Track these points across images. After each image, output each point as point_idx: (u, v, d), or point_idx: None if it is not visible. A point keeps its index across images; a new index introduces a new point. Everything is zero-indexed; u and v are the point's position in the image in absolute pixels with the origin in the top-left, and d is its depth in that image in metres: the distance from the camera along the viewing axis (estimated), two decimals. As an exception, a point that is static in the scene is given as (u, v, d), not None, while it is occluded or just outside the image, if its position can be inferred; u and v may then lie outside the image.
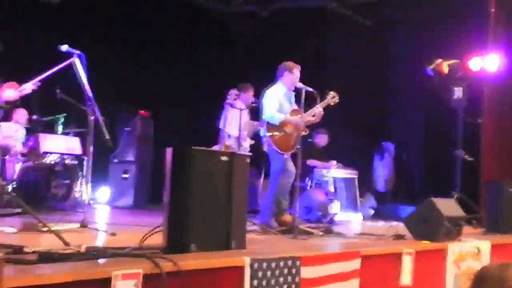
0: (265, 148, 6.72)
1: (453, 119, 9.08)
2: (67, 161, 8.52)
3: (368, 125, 11.81)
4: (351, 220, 9.03)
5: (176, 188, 4.02)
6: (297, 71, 6.72)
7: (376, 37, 11.58)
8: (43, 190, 8.04)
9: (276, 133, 6.61)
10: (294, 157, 6.58)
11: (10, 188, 7.74)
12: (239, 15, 12.25)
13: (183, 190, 3.98)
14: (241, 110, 7.27)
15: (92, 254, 3.56)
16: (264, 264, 3.88)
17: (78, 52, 5.46)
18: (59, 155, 8.46)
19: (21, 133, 8.63)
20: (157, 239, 4.10)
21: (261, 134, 6.82)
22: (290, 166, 6.57)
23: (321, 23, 11.71)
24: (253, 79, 8.78)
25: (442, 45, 9.78)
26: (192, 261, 3.61)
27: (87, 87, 5.41)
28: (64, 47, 5.48)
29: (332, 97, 6.88)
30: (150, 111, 10.48)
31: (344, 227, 7.49)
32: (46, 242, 4.08)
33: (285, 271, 4.03)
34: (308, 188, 9.07)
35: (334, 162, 9.43)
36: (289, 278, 4.05)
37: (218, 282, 3.69)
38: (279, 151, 6.56)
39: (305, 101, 6.32)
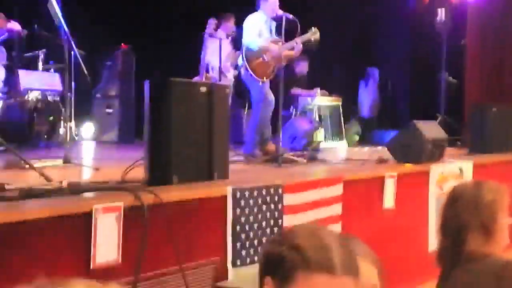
0: (242, 74, 6.66)
1: (437, 41, 9.02)
2: (49, 98, 8.42)
3: (353, 51, 11.73)
4: (337, 147, 9.08)
5: (155, 121, 3.99)
6: None
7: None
8: (26, 128, 7.98)
9: (254, 59, 6.53)
10: (275, 86, 6.55)
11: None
12: None
13: (162, 123, 3.96)
14: (221, 39, 7.17)
15: (74, 189, 3.56)
16: (246, 193, 3.91)
17: (53, -15, 5.31)
18: (41, 92, 8.36)
19: (0, 71, 8.50)
20: (141, 173, 4.11)
21: (239, 62, 6.76)
22: (269, 94, 6.53)
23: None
24: (234, 10, 8.63)
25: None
26: (174, 192, 3.63)
27: (62, 21, 5.30)
28: (38, -19, 5.34)
29: (313, 33, 6.70)
30: (131, 44, 10.32)
31: (329, 154, 7.52)
32: (29, 179, 4.07)
33: (268, 199, 4.07)
34: (293, 116, 9.07)
35: (318, 89, 9.39)
36: (272, 206, 4.10)
37: (201, 213, 3.72)
38: (256, 78, 6.49)
39: (286, 31, 6.25)
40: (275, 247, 1.43)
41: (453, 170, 5.93)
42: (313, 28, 6.70)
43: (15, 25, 5.99)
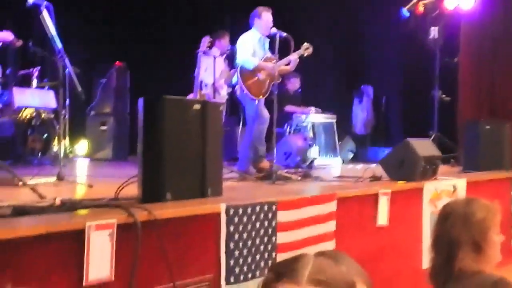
0: (238, 93, 6.73)
1: (430, 59, 9.07)
2: (43, 115, 8.41)
3: (346, 69, 11.79)
4: (331, 164, 9.09)
5: (149, 138, 4.01)
6: (267, 15, 6.65)
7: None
8: (20, 145, 7.98)
9: (249, 78, 6.58)
10: (268, 103, 6.58)
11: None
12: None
13: (156, 140, 3.97)
14: (215, 57, 7.21)
15: (67, 206, 3.56)
16: (240, 210, 3.91)
17: (46, 3, 5.32)
18: (35, 109, 8.36)
19: (-5, 88, 8.51)
20: (134, 190, 4.11)
21: (233, 80, 6.83)
22: (264, 112, 6.57)
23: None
24: (231, 27, 8.68)
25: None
26: (167, 209, 3.63)
27: (56, 38, 5.31)
28: (31, -1, 5.34)
29: (305, 48, 6.77)
30: (126, 61, 10.35)
31: (323, 171, 7.54)
32: (22, 196, 4.06)
33: (261, 216, 4.07)
34: (287, 134, 9.09)
35: (313, 108, 9.43)
36: (266, 223, 4.09)
37: (194, 230, 3.71)
38: (251, 96, 6.54)
39: (279, 47, 6.28)
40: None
41: (446, 188, 5.94)
42: (306, 43, 6.77)
43: (7, 35, 5.88)
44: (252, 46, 6.65)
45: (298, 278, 1.33)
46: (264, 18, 6.64)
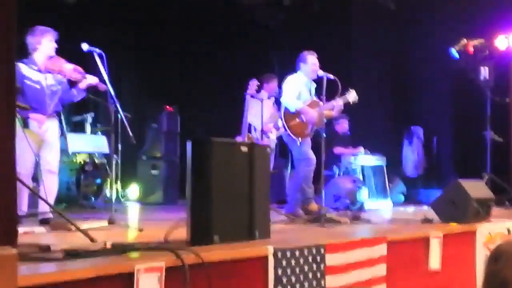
0: (282, 134, 6.76)
1: (481, 99, 8.96)
2: (96, 160, 8.62)
3: (396, 109, 11.71)
4: (381, 207, 8.97)
5: (197, 181, 4.04)
6: (311, 59, 6.67)
7: (401, 19, 11.44)
8: (73, 190, 8.17)
9: (292, 119, 6.60)
10: (317, 145, 6.57)
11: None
12: (262, 5, 12.15)
13: (203, 183, 4.01)
14: (262, 100, 7.26)
15: (117, 249, 3.61)
16: (288, 253, 3.90)
17: (98, 51, 5.50)
18: (88, 154, 8.57)
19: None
20: (183, 233, 4.14)
21: (279, 123, 6.87)
22: (309, 153, 6.56)
23: (345, 8, 11.60)
24: (278, 69, 8.74)
25: (467, 24, 9.65)
26: (215, 252, 3.64)
27: (109, 85, 5.46)
28: (85, 46, 5.52)
29: (350, 94, 6.74)
30: (176, 106, 10.52)
31: (372, 214, 7.44)
32: (74, 240, 4.14)
33: (310, 259, 4.04)
34: (336, 176, 9.04)
35: (361, 148, 9.37)
36: (314, 266, 4.06)
37: (242, 273, 3.71)
38: (294, 137, 6.55)
39: (327, 90, 6.27)
40: None
41: (501, 230, 5.79)
42: (350, 89, 6.73)
43: (94, 79, 5.80)
44: (297, 89, 6.67)
45: None
46: (310, 62, 6.66)
